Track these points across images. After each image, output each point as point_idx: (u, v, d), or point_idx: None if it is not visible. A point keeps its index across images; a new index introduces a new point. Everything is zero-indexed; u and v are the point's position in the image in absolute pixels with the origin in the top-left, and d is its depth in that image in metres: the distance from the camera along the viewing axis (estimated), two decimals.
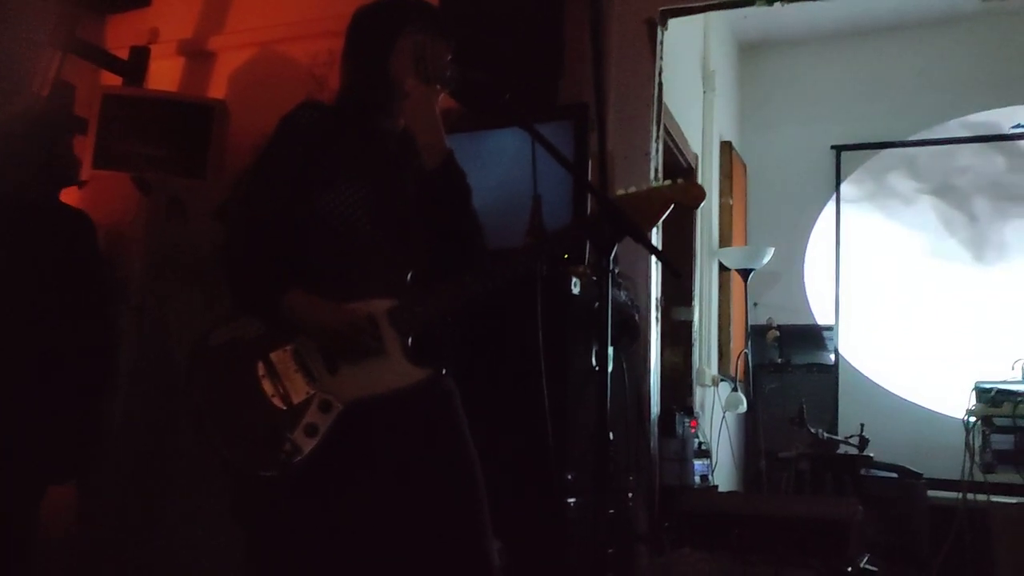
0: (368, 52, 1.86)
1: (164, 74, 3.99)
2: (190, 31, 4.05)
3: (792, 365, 5.44)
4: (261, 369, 1.72)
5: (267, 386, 1.71)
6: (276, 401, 1.70)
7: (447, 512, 1.72)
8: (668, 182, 1.78)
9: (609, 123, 3.38)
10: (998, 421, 3.88)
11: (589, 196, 2.81)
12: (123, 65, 3.85)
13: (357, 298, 1.74)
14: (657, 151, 3.56)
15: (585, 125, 3.04)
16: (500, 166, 2.93)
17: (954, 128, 5.51)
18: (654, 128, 3.53)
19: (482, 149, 2.94)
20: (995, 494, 3.79)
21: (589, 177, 3.04)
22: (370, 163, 1.83)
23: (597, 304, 1.92)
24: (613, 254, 1.72)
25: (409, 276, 1.78)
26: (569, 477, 2.49)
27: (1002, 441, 3.86)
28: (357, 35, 1.90)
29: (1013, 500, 3.49)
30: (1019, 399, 3.86)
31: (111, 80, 3.86)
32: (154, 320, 3.32)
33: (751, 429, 5.28)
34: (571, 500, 2.48)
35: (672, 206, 1.75)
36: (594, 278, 2.74)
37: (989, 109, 5.42)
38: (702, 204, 1.83)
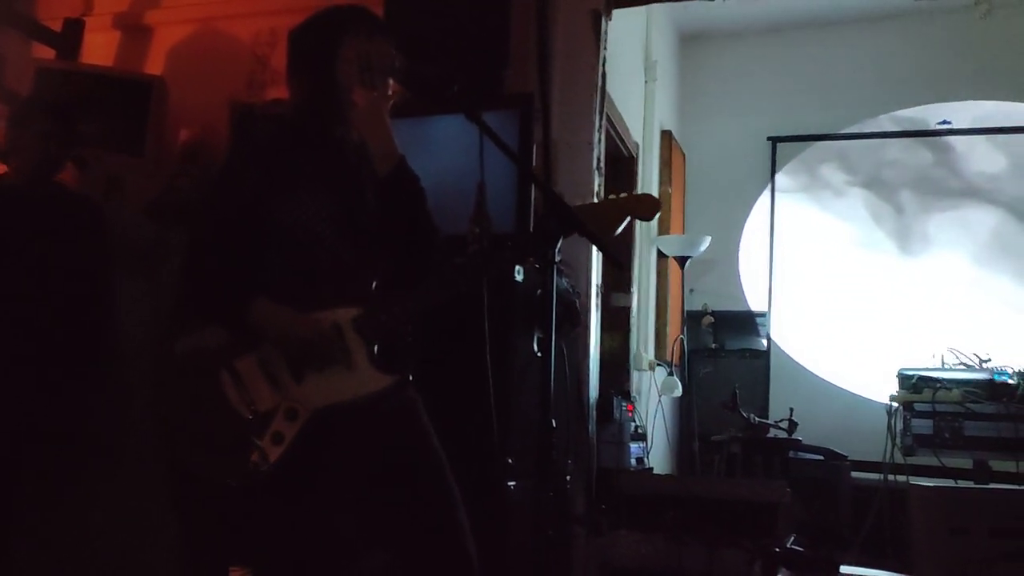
0: (312, 69, 1.86)
1: (99, 48, 3.89)
2: (126, 4, 3.95)
3: (726, 350, 5.59)
4: (226, 378, 1.73)
5: (233, 395, 1.72)
6: (242, 409, 1.71)
7: (420, 517, 1.75)
8: (624, 195, 1.84)
9: (553, 113, 3.41)
10: (918, 406, 4.05)
11: (534, 186, 2.86)
12: (56, 37, 3.75)
13: (322, 307, 1.75)
14: (600, 141, 3.62)
15: (530, 115, 3.07)
16: (444, 152, 2.94)
17: (884, 123, 5.70)
18: (597, 118, 3.58)
19: (426, 135, 2.95)
20: (914, 476, 3.97)
21: (533, 166, 3.08)
22: (330, 173, 1.84)
23: (540, 292, 1.96)
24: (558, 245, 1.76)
25: (373, 284, 1.81)
26: (510, 461, 2.54)
27: (922, 425, 4.03)
28: (298, 54, 1.90)
29: (930, 481, 3.66)
30: (939, 386, 4.04)
31: (44, 53, 3.75)
32: None
33: (685, 413, 5.41)
34: (512, 484, 2.53)
35: (628, 219, 1.80)
36: (537, 266, 2.79)
37: (918, 105, 5.61)
38: (657, 215, 1.88)
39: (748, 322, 5.73)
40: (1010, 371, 4.01)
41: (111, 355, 2.84)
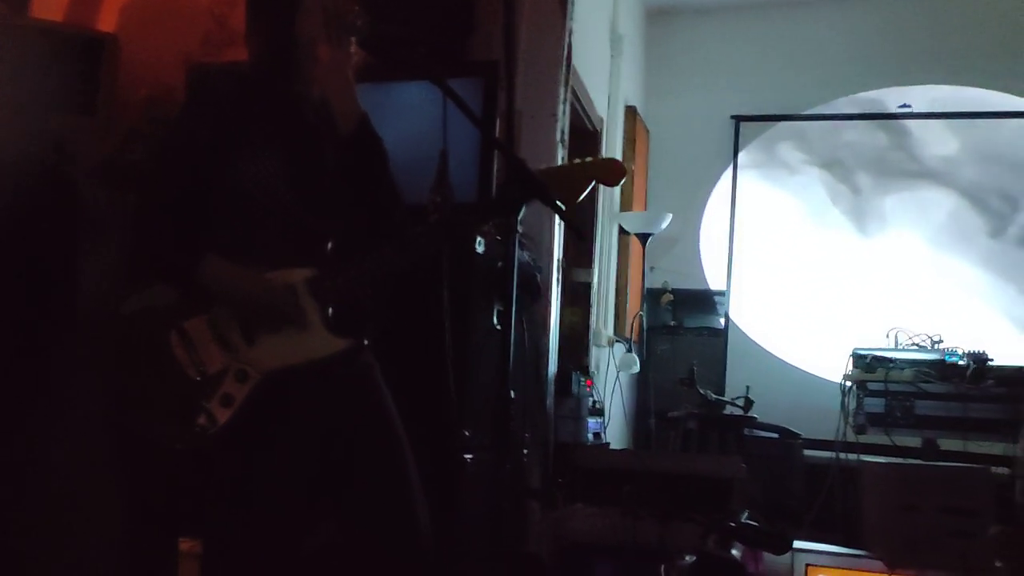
0: (271, 21, 1.80)
1: (48, 2, 3.75)
2: None
3: (684, 328, 5.62)
4: (175, 339, 1.67)
5: (181, 356, 1.66)
6: (190, 371, 1.66)
7: (372, 485, 1.72)
8: (589, 159, 1.80)
9: (518, 83, 3.37)
10: (871, 386, 4.11)
11: (497, 154, 2.81)
12: None
13: (276, 267, 1.70)
14: (564, 113, 3.59)
15: (495, 83, 3.02)
16: (405, 119, 2.88)
17: (843, 105, 5.74)
18: (562, 90, 3.55)
19: (387, 101, 2.89)
20: (865, 454, 4.03)
21: (496, 135, 3.04)
22: (288, 131, 1.78)
23: (501, 264, 1.93)
24: (520, 215, 1.73)
25: (329, 246, 1.76)
26: (467, 434, 2.52)
27: (874, 404, 4.09)
28: (257, 4, 1.83)
29: (881, 459, 3.72)
30: (891, 365, 4.10)
31: None
32: None
33: (643, 389, 5.44)
34: (468, 456, 2.51)
35: (593, 183, 1.77)
36: (498, 237, 2.76)
37: (878, 88, 5.66)
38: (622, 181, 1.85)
39: (707, 300, 5.77)
40: (960, 352, 4.08)
41: (70, 324, 2.76)
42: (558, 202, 1.62)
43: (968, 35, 5.46)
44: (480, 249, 2.66)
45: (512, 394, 1.76)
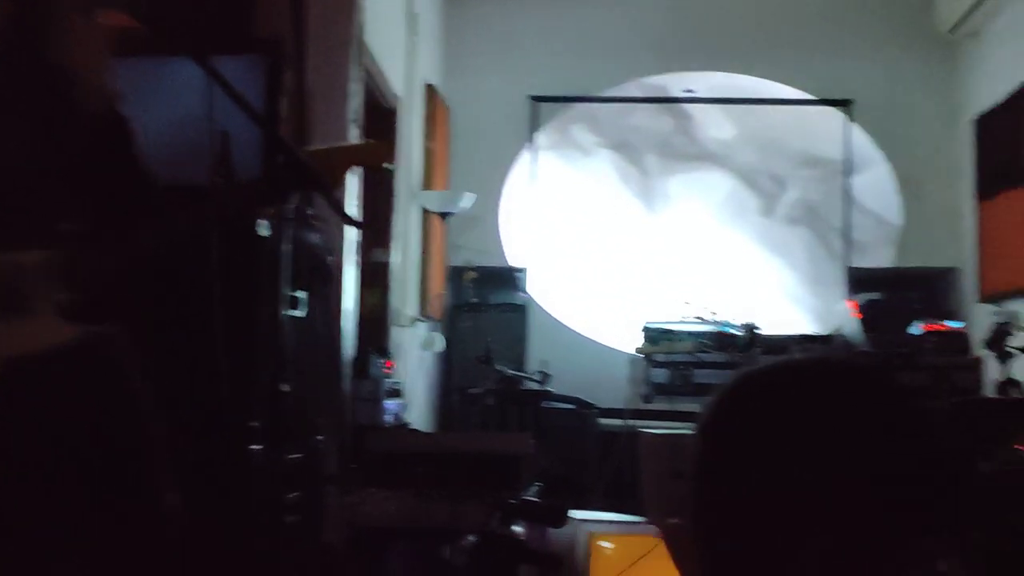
0: None
1: None
2: None
3: (487, 305, 5.71)
4: None
5: None
6: None
7: (105, 480, 1.61)
8: (357, 142, 1.78)
9: (307, 60, 3.27)
10: (657, 357, 4.36)
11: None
12: None
13: (2, 247, 1.56)
14: (357, 92, 3.53)
15: (280, 61, 2.92)
16: (186, 96, 2.73)
17: (632, 89, 6.00)
18: (354, 68, 3.49)
19: (165, 76, 2.73)
20: (654, 421, 4.28)
21: (284, 115, 2.95)
22: (28, 102, 1.63)
23: (288, 248, 1.87)
24: (311, 199, 1.69)
25: (67, 226, 1.63)
26: (254, 425, 2.45)
27: (659, 375, 4.36)
28: None
29: (664, 425, 3.96)
30: (676, 338, 4.37)
31: None
32: None
33: (447, 367, 5.50)
34: (254, 447, 2.44)
35: (356, 166, 1.75)
36: (286, 221, 2.68)
37: (663, 73, 5.96)
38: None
39: (508, 277, 5.89)
40: (736, 323, 4.41)
41: None
42: (321, 180, 1.58)
43: (744, 26, 5.86)
44: (265, 232, 2.58)
45: (286, 384, 1.71)
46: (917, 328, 4.39)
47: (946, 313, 5.01)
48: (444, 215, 5.22)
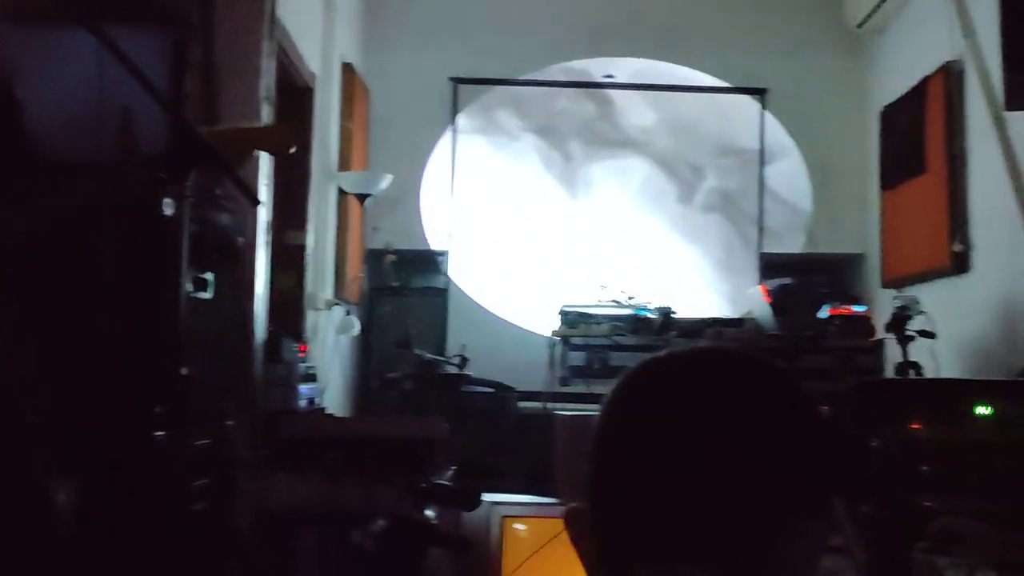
0: None
1: None
2: None
3: (407, 289, 5.66)
4: None
5: None
6: None
7: None
8: (262, 124, 1.72)
9: (216, 35, 3.17)
10: (574, 340, 4.40)
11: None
12: None
13: None
14: (270, 68, 3.43)
15: (185, 35, 2.82)
16: (82, 69, 2.61)
17: (555, 73, 6.01)
18: (266, 43, 3.39)
19: (59, 48, 2.60)
20: (571, 403, 4.32)
21: (190, 92, 2.85)
22: None
23: (195, 228, 1.80)
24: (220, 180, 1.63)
25: None
26: (158, 410, 2.37)
27: (576, 357, 4.40)
28: None
29: (580, 408, 4.00)
30: (592, 321, 4.41)
31: None
32: None
33: (365, 352, 5.44)
34: (159, 434, 2.36)
35: (259, 150, 1.70)
36: (191, 199, 2.60)
37: (586, 58, 5.98)
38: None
39: (429, 261, 5.85)
40: (651, 307, 4.48)
41: None
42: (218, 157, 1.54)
43: (664, 13, 5.92)
44: (168, 211, 2.49)
45: (190, 368, 1.66)
46: (824, 312, 4.52)
47: (852, 298, 5.18)
48: (362, 197, 5.14)
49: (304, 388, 3.62)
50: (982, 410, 2.01)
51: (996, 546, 1.57)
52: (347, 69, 5.19)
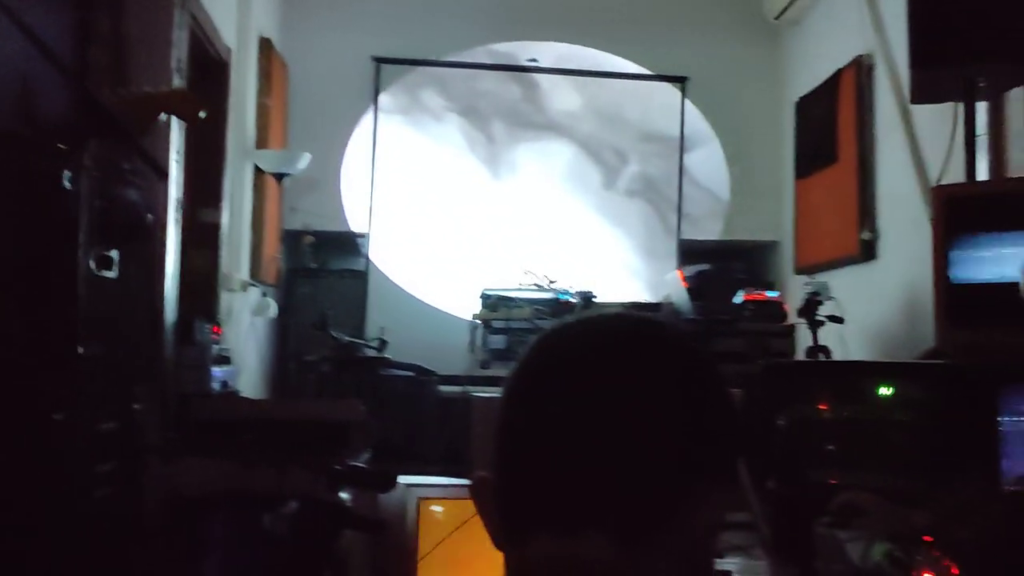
0: None
1: None
2: None
3: (326, 271, 5.57)
4: None
5: None
6: None
7: None
8: (172, 89, 1.66)
9: (125, 2, 3.04)
10: (495, 324, 4.40)
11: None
12: None
13: None
14: (182, 40, 3.31)
15: (93, 1, 2.69)
16: None
17: (480, 55, 5.97)
18: (178, 14, 3.27)
19: None
20: (491, 387, 4.32)
21: (95, 61, 2.73)
22: None
23: (99, 203, 1.73)
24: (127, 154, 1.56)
25: None
26: (53, 391, 2.27)
27: (497, 341, 4.40)
28: None
29: (499, 390, 4.00)
30: (513, 305, 4.41)
31: None
32: None
33: (281, 334, 5.34)
34: (56, 417, 2.27)
35: (166, 115, 1.63)
36: (96, 174, 2.50)
37: (511, 40, 5.96)
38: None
39: (349, 242, 5.77)
40: (571, 290, 4.50)
41: None
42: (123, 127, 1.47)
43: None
44: (68, 185, 2.38)
45: (88, 347, 1.59)
46: (739, 297, 4.63)
47: (767, 284, 5.31)
48: (280, 176, 5.03)
49: (218, 371, 3.53)
50: (884, 391, 2.09)
51: (893, 518, 1.63)
52: (265, 44, 5.05)
